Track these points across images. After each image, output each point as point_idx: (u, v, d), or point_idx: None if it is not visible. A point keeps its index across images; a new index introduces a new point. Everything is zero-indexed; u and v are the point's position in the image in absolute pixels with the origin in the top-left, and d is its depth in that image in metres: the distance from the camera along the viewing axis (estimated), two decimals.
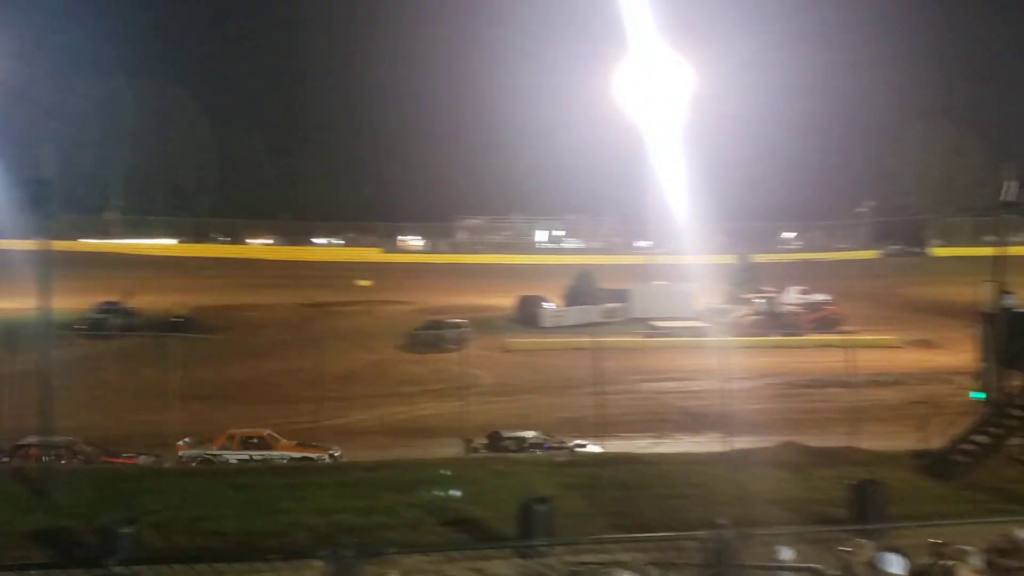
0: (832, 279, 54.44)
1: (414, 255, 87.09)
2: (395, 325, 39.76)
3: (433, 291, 55.44)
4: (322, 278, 61.64)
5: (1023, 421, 18.68)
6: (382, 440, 22.99)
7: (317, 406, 23.71)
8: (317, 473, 18.71)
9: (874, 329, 40.10)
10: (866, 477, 16.13)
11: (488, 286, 57.33)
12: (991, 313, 20.26)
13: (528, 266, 73.92)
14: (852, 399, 22.07)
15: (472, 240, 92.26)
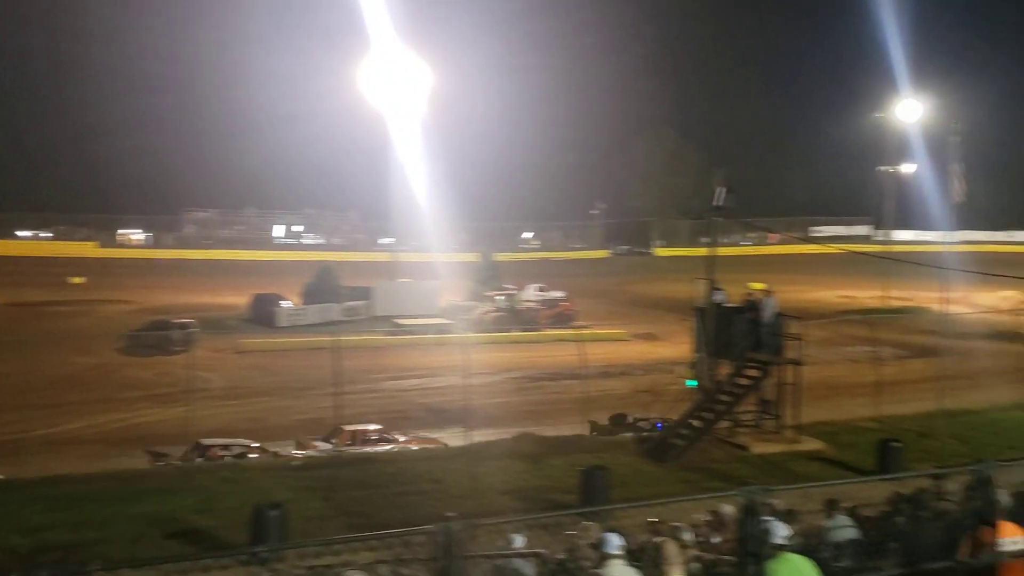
0: (567, 277, 57.34)
1: (135, 250, 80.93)
2: (115, 326, 36.80)
3: (157, 289, 51.90)
4: (29, 275, 55.77)
5: (729, 406, 20.46)
6: (100, 450, 21.06)
7: (23, 415, 21.35)
8: (22, 488, 16.72)
9: (605, 324, 42.54)
10: (594, 463, 17.00)
11: (219, 284, 54.53)
12: (703, 308, 21.96)
13: (264, 262, 71.26)
14: (584, 390, 23.14)
15: (201, 234, 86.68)
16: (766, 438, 20.67)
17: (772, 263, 65.83)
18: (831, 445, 20.29)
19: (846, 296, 55.28)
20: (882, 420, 22.80)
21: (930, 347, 33.75)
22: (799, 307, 33.12)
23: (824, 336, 35.39)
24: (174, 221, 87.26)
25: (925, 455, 19.19)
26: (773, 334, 21.17)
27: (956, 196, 26.66)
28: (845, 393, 27.29)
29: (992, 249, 75.99)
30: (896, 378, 28.06)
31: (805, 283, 56.00)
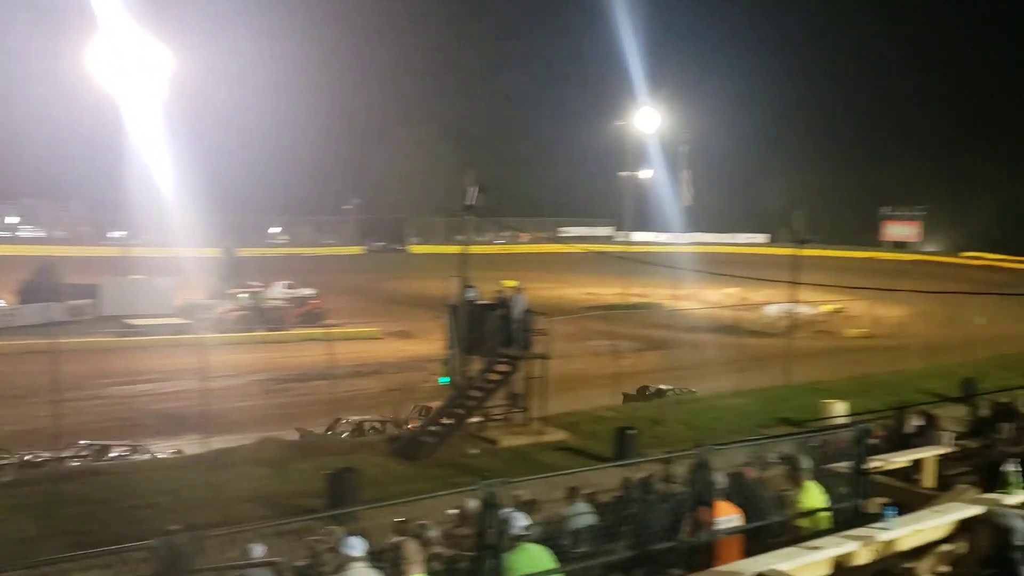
0: (319, 274, 55.86)
1: None
2: None
3: None
4: None
5: (480, 401, 20.78)
6: None
7: None
8: None
9: (357, 322, 41.90)
10: (342, 466, 16.65)
11: None
12: (455, 305, 22.19)
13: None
14: (334, 390, 22.62)
15: None
16: (515, 431, 21.19)
17: (523, 261, 68.00)
18: (574, 435, 21.14)
19: (590, 293, 58.15)
20: (620, 409, 24.13)
21: (663, 340, 36.36)
22: (547, 304, 34.40)
23: (569, 331, 36.92)
24: None
25: (657, 441, 20.46)
26: (522, 330, 21.79)
27: (685, 200, 28.86)
28: (588, 385, 28.62)
29: (717, 250, 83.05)
30: (633, 369, 29.87)
31: (553, 281, 58.26)
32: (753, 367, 29.48)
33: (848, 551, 5.43)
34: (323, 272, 59.32)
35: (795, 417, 22.29)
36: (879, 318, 39.86)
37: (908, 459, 9.52)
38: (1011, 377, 26.45)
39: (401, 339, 38.64)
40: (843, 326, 42.33)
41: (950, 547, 5.90)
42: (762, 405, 24.80)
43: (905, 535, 5.67)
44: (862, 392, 26.26)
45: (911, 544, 5.80)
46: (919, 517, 5.89)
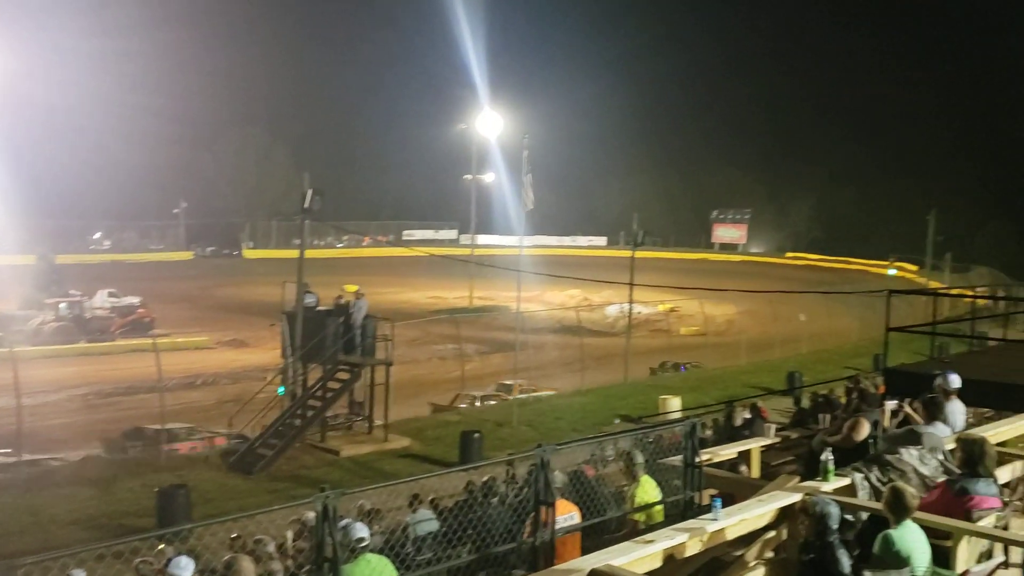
0: (145, 281, 53.13)
1: None
2: None
3: None
4: None
5: (319, 410, 20.28)
6: None
7: None
8: None
9: (189, 331, 40.02)
10: (174, 482, 15.89)
11: None
12: (292, 312, 21.57)
13: None
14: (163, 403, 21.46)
15: None
16: (357, 440, 20.85)
17: (366, 266, 67.13)
18: (418, 441, 20.99)
19: (435, 297, 58.08)
20: (464, 413, 24.16)
21: (508, 342, 36.68)
22: (391, 308, 34.06)
23: (414, 336, 36.73)
24: None
25: (501, 443, 20.62)
26: (364, 336, 21.45)
27: (527, 204, 29.25)
28: (433, 389, 28.53)
29: (559, 252, 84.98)
30: (479, 372, 30.03)
31: (397, 285, 57.89)
32: (594, 366, 30.22)
33: (679, 543, 5.56)
34: (150, 279, 56.42)
35: (633, 414, 22.99)
36: (710, 316, 41.71)
37: (735, 451, 9.93)
38: (830, 370, 28.38)
39: (235, 348, 37.25)
40: (677, 325, 44.13)
41: (773, 534, 6.16)
42: (602, 403, 25.47)
43: (732, 524, 5.87)
44: (695, 387, 27.46)
45: (738, 533, 6.01)
46: (745, 507, 6.12)
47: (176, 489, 14.99)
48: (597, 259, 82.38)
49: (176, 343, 34.60)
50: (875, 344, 29.00)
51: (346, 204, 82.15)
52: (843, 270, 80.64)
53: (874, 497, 6.19)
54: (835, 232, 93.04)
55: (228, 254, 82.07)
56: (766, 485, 7.38)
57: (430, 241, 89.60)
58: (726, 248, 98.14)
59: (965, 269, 66.60)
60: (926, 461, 6.72)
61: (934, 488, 6.19)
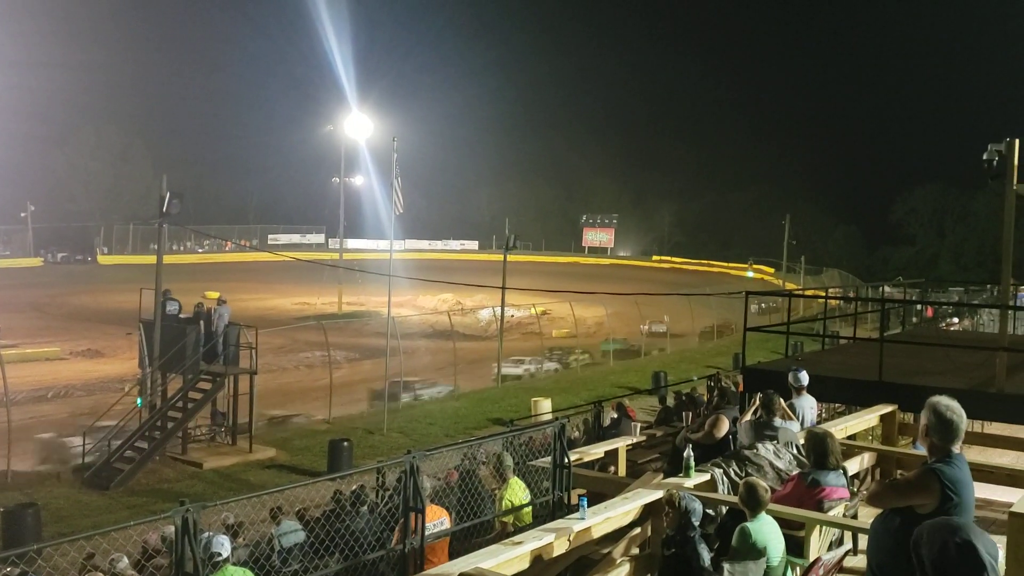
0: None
1: None
2: None
3: None
4: None
5: (180, 422, 19.51)
6: None
7: None
8: None
9: (39, 341, 37.75)
10: (23, 501, 15.03)
11: None
12: (149, 320, 20.67)
13: None
14: (12, 418, 20.16)
15: None
16: (220, 451, 20.20)
17: (229, 271, 65.11)
18: (285, 451, 20.50)
19: (302, 303, 56.83)
20: (334, 421, 23.73)
21: (378, 348, 36.27)
22: (256, 316, 33.10)
23: (280, 343, 35.81)
24: None
25: (372, 451, 20.38)
26: (226, 344, 20.77)
27: (397, 208, 28.94)
28: (301, 398, 27.87)
29: (431, 256, 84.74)
30: (348, 380, 29.52)
31: (263, 291, 56.36)
32: (467, 370, 30.25)
33: (547, 543, 5.61)
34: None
35: (505, 416, 23.14)
36: (581, 319, 42.46)
37: (603, 450, 10.13)
38: (692, 369, 29.39)
39: (89, 359, 35.37)
40: (549, 327, 44.73)
41: (639, 531, 6.30)
42: (475, 407, 25.53)
43: (598, 523, 5.96)
44: (566, 389, 27.89)
45: (604, 531, 6.11)
46: (610, 505, 6.23)
47: (24, 508, 14.14)
48: (470, 263, 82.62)
49: (25, 354, 32.53)
50: (735, 344, 30.26)
51: (208, 208, 79.58)
52: (705, 272, 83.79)
53: (733, 491, 6.42)
54: (697, 236, 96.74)
55: (81, 260, 77.83)
56: (632, 483, 7.56)
57: (296, 246, 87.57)
58: (595, 252, 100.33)
59: (818, 271, 70.41)
60: (781, 455, 7.02)
61: (788, 481, 6.47)
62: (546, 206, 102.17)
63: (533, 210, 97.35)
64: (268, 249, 78.94)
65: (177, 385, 20.31)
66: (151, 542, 10.71)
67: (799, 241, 70.71)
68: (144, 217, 68.11)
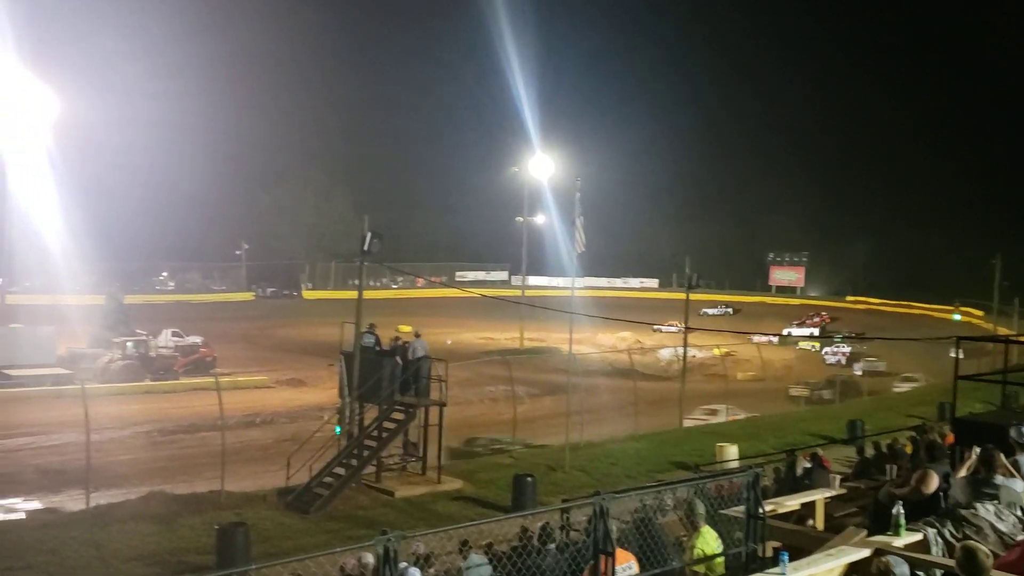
0: (208, 321, 54.34)
1: None
2: None
3: None
4: None
5: (375, 450, 20.38)
6: None
7: None
8: None
9: (248, 370, 40.77)
10: (233, 520, 16.03)
11: None
12: (349, 352, 21.79)
13: None
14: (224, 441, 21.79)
15: None
16: (411, 481, 20.88)
17: (420, 306, 67.74)
18: (471, 483, 20.94)
19: (487, 338, 58.26)
20: (517, 456, 24.07)
21: (559, 385, 36.59)
22: (444, 349, 34.28)
23: (466, 377, 36.79)
24: None
25: (555, 488, 20.48)
26: (419, 377, 21.55)
27: (579, 246, 29.28)
28: (485, 431, 28.51)
29: (611, 294, 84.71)
30: (530, 415, 29.94)
31: (451, 325, 58.22)
32: (647, 411, 29.92)
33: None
34: (212, 319, 57.70)
35: (689, 461, 22.69)
36: (768, 361, 41.14)
37: (798, 502, 9.76)
38: (893, 418, 27.70)
39: (293, 388, 37.76)
40: (734, 369, 43.55)
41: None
42: (657, 449, 25.16)
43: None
44: (753, 435, 26.97)
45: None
46: (812, 561, 6.02)
47: (235, 527, 15.10)
48: (649, 301, 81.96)
49: (237, 382, 35.23)
50: (939, 392, 28.29)
51: (401, 246, 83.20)
52: (905, 315, 78.91)
53: (947, 554, 6.04)
54: (893, 275, 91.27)
55: (288, 295, 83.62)
56: (832, 538, 7.25)
57: (482, 282, 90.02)
58: (783, 291, 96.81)
59: None
60: (1003, 517, 6.53)
61: (1014, 547, 6.01)
62: (729, 243, 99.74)
63: (715, 247, 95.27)
64: (456, 285, 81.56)
65: (373, 415, 21.24)
66: (348, 567, 11.15)
67: (1012, 282, 65.16)
68: (345, 255, 72.22)
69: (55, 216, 51.74)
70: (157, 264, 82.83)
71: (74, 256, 51.76)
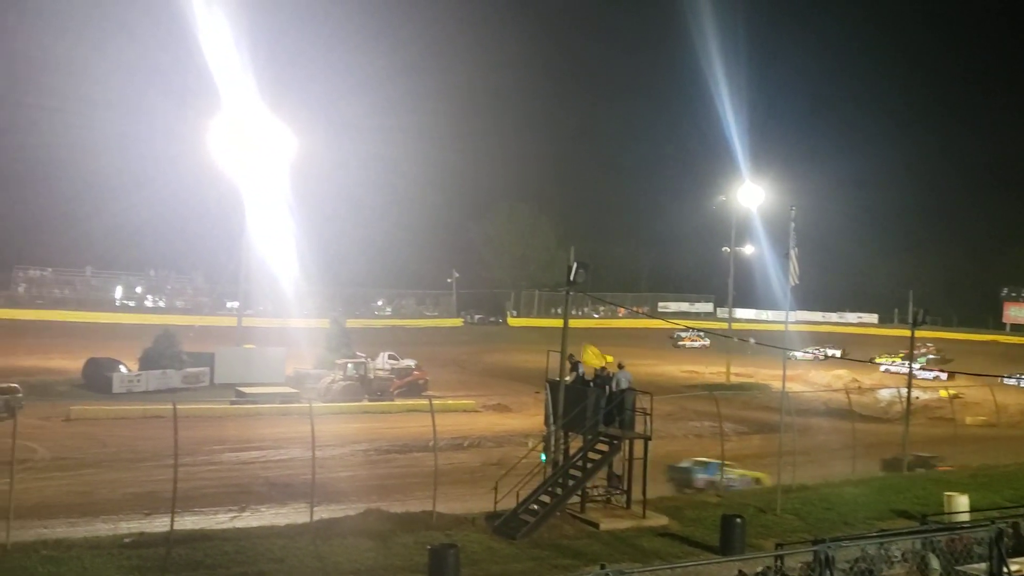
0: (421, 345, 56.81)
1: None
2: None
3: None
4: None
5: (580, 481, 20.48)
6: None
7: None
8: None
9: (456, 394, 42.20)
10: (444, 541, 16.59)
11: (51, 346, 51.06)
12: (555, 380, 22.07)
13: (100, 325, 67.34)
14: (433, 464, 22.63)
15: (33, 294, 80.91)
16: (615, 514, 20.78)
17: (621, 336, 67.55)
18: (677, 520, 20.56)
19: (691, 371, 57.17)
20: (724, 495, 23.41)
21: (768, 423, 35.32)
22: (646, 381, 33.94)
23: (669, 410, 36.32)
24: (4, 279, 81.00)
25: (765, 530, 19.73)
26: (623, 408, 21.47)
27: (792, 279, 28.09)
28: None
29: (826, 329, 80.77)
30: (737, 453, 29.02)
31: (653, 357, 57.66)
32: (865, 454, 28.22)
33: None
34: (425, 344, 60.26)
35: (913, 510, 21.20)
36: (1002, 406, 37.74)
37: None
38: None
39: (499, 413, 38.65)
40: (962, 413, 40.29)
41: None
42: (876, 496, 23.68)
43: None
44: (984, 484, 24.84)
45: None
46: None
47: (447, 549, 15.62)
48: (868, 338, 77.51)
49: (446, 405, 36.56)
50: None
51: (603, 276, 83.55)
52: None
53: None
54: None
55: (494, 322, 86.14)
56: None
57: (685, 314, 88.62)
58: (1018, 329, 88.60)
59: None
60: None
61: None
62: (957, 278, 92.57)
63: (941, 282, 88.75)
64: (658, 316, 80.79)
65: (578, 444, 21.38)
66: None
67: None
68: (549, 284, 73.70)
69: (286, 245, 56.06)
70: (375, 291, 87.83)
71: (302, 282, 55.91)
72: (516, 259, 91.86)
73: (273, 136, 48.23)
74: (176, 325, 50.05)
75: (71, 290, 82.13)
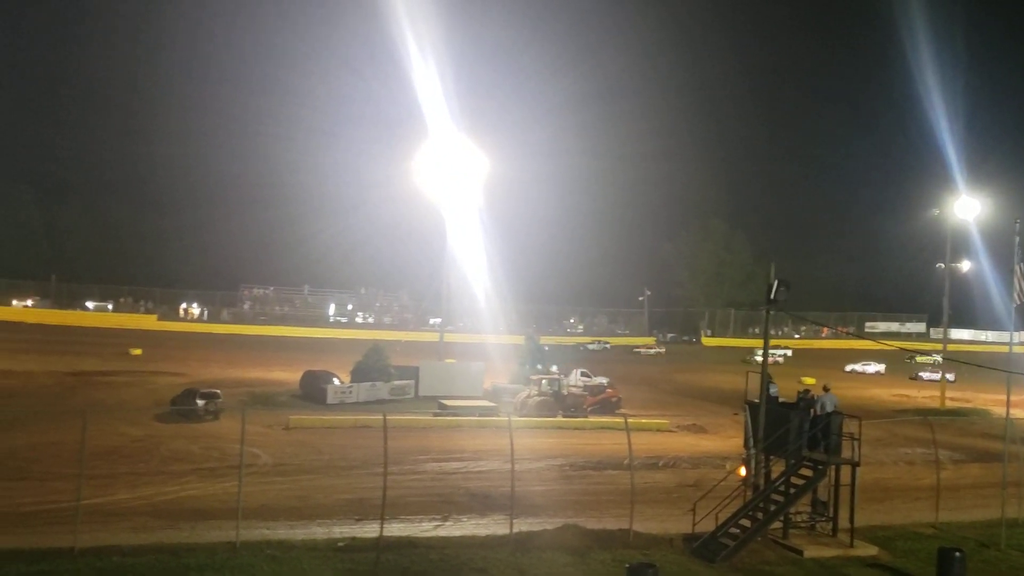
0: (613, 363, 56.84)
1: (192, 324, 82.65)
2: (162, 397, 37.26)
3: (211, 363, 52.77)
4: (92, 345, 57.23)
5: (783, 506, 19.88)
6: (148, 522, 21.04)
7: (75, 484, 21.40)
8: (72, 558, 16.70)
9: (650, 413, 41.89)
10: (642, 560, 16.56)
11: (272, 359, 55.28)
12: (755, 402, 21.55)
13: (316, 339, 72.23)
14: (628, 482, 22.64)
15: (256, 311, 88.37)
16: (820, 541, 20.06)
17: (823, 357, 64.78)
18: (888, 551, 19.59)
19: (901, 395, 53.96)
20: (940, 527, 22.03)
21: (989, 451, 32.79)
22: (852, 404, 32.38)
23: (878, 436, 34.53)
24: (232, 297, 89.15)
25: (987, 566, 18.45)
26: (828, 432, 20.69)
27: (1018, 297, 25.88)
28: (901, 496, 26.46)
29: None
30: (954, 483, 27.17)
31: (858, 380, 54.92)
32: None
33: None
34: (617, 362, 60.27)
35: None
36: None
37: None
38: None
39: (694, 433, 38.02)
40: None
41: None
42: None
43: None
44: None
45: None
46: None
47: (646, 568, 15.55)
48: None
49: (640, 423, 36.39)
50: None
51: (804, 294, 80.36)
52: None
53: None
54: None
55: (687, 340, 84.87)
56: None
57: (895, 334, 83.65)
58: None
59: None
60: None
61: None
62: None
63: None
64: (864, 337, 76.75)
65: (779, 468, 20.78)
66: None
67: None
68: (744, 302, 71.82)
69: (483, 264, 58.00)
70: (568, 308, 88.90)
71: (498, 300, 57.60)
72: (710, 277, 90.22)
73: (472, 161, 50.20)
74: (384, 340, 52.73)
75: (290, 307, 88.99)
